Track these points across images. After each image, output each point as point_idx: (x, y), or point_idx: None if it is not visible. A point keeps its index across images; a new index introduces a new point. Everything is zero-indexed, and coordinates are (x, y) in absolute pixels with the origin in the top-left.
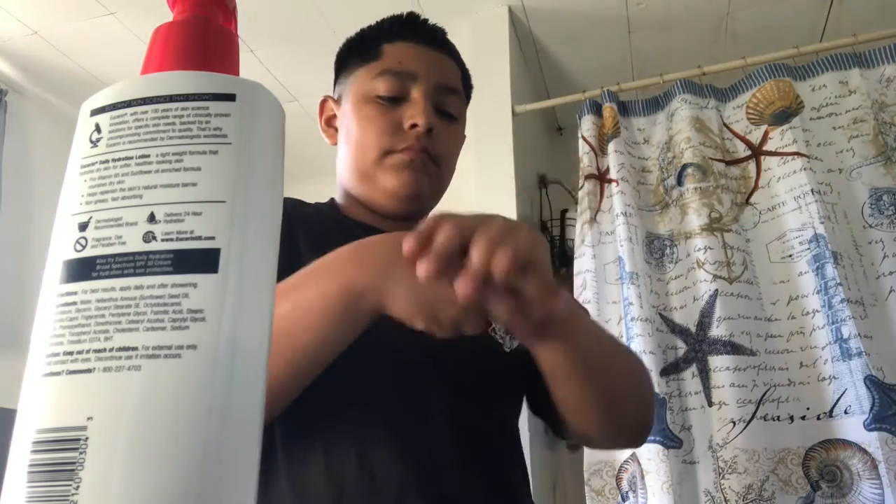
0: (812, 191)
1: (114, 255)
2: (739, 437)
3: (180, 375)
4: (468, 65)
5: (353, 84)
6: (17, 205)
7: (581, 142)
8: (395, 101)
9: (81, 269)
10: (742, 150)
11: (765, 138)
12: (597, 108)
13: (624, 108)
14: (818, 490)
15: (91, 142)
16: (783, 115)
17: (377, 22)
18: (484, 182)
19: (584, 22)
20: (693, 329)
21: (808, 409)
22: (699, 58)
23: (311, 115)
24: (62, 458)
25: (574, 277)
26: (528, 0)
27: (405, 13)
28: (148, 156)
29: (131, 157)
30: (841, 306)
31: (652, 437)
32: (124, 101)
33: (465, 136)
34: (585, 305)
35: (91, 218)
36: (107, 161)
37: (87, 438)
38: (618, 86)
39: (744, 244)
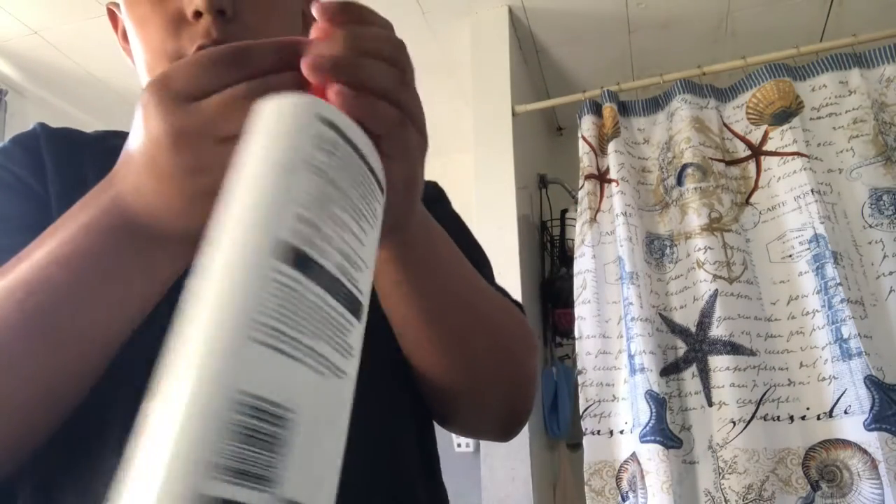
0: (812, 191)
1: (328, 271)
2: (739, 437)
3: (342, 394)
4: (468, 65)
5: None
6: None
7: (581, 142)
8: None
9: (303, 264)
10: (742, 150)
11: (765, 138)
12: (597, 108)
13: (624, 108)
14: (818, 490)
15: (323, 150)
16: (783, 115)
17: None
18: (484, 182)
19: (584, 22)
20: (693, 329)
21: (808, 409)
22: (699, 58)
23: None
24: (268, 429)
25: (574, 277)
26: (528, 0)
27: None
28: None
29: (351, 197)
30: (841, 306)
31: (652, 437)
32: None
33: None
34: (585, 305)
35: (316, 223)
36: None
37: (293, 420)
38: (618, 86)
39: (744, 244)
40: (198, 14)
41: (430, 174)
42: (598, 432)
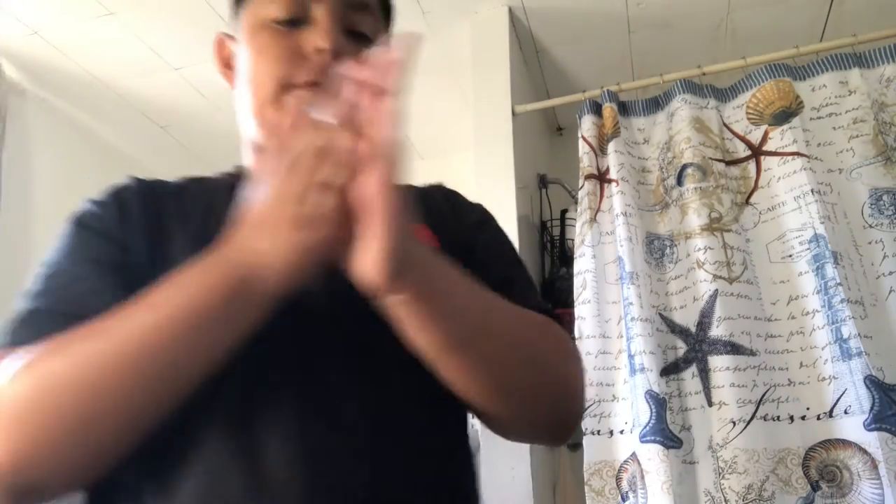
0: (812, 191)
1: None
2: (739, 437)
3: None
4: (468, 65)
5: (247, 13)
6: (17, 205)
7: (581, 142)
8: (295, 24)
9: None
10: (742, 150)
11: (765, 138)
12: (597, 108)
13: (624, 108)
14: (818, 490)
15: None
16: (783, 115)
17: None
18: (484, 182)
19: (584, 22)
20: (693, 329)
21: (808, 409)
22: (699, 58)
23: None
24: None
25: (574, 277)
26: (528, 0)
27: None
28: None
29: None
30: (841, 306)
31: (652, 437)
32: None
33: None
34: (585, 305)
35: None
36: None
37: None
38: (618, 86)
39: (744, 244)
40: (318, 51)
41: (430, 174)
42: (598, 432)
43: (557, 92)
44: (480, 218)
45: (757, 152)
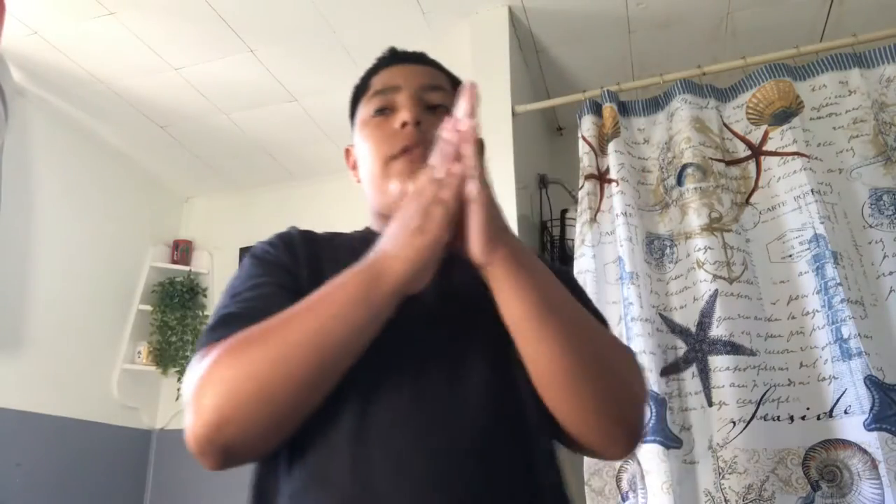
0: (812, 191)
1: None
2: (739, 437)
3: None
4: (468, 65)
5: (358, 118)
6: (17, 205)
7: (581, 142)
8: (387, 112)
9: None
10: (742, 150)
11: (765, 138)
12: (597, 108)
13: (624, 108)
14: (818, 490)
15: None
16: (783, 115)
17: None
18: None
19: (584, 22)
20: (693, 329)
21: (808, 409)
22: (699, 58)
23: (311, 116)
24: None
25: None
26: (528, 0)
27: (386, 50)
28: None
29: None
30: (841, 306)
31: (652, 437)
32: None
33: None
34: None
35: None
36: None
37: None
38: (618, 86)
39: (744, 244)
40: (403, 124)
41: None
42: None
43: (557, 92)
44: (573, 284)
45: (757, 152)
